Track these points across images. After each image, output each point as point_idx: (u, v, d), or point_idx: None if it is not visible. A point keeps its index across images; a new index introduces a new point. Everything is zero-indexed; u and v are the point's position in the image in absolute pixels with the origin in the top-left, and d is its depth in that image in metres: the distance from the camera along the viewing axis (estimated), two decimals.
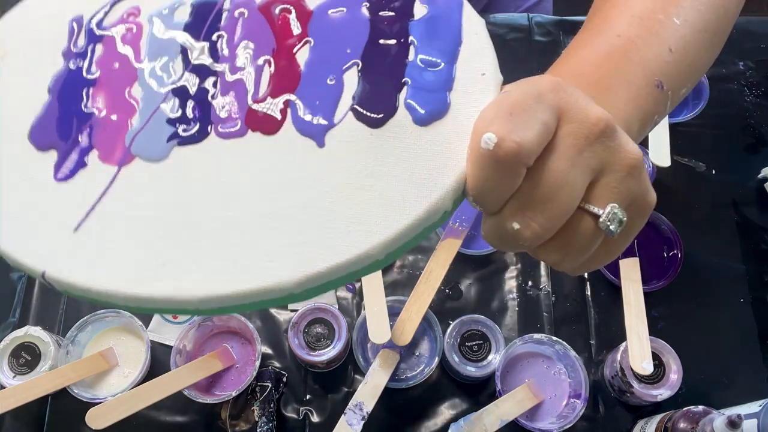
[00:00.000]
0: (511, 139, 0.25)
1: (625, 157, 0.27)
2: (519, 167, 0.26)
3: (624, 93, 0.34)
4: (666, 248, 0.75)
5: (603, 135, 0.27)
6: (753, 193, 0.80)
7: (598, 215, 0.27)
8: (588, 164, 0.27)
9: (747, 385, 0.71)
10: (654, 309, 0.74)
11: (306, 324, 0.69)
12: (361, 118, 0.30)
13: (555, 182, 0.26)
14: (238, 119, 0.31)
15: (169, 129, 0.31)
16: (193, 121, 0.31)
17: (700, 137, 0.83)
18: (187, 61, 0.33)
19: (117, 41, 0.34)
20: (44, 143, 0.32)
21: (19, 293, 0.76)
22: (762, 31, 0.88)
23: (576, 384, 0.67)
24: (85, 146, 0.31)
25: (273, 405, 0.68)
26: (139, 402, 0.62)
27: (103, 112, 0.32)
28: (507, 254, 0.77)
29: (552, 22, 0.91)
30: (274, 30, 0.33)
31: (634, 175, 0.27)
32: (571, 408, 0.66)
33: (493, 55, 0.30)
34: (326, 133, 0.30)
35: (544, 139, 0.26)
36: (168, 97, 0.32)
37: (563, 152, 0.26)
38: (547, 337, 0.68)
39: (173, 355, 0.67)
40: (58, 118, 0.32)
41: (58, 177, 0.31)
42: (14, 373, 0.68)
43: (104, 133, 0.31)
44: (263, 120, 0.31)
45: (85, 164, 0.31)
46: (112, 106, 0.32)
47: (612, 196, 0.27)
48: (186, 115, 0.31)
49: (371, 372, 0.66)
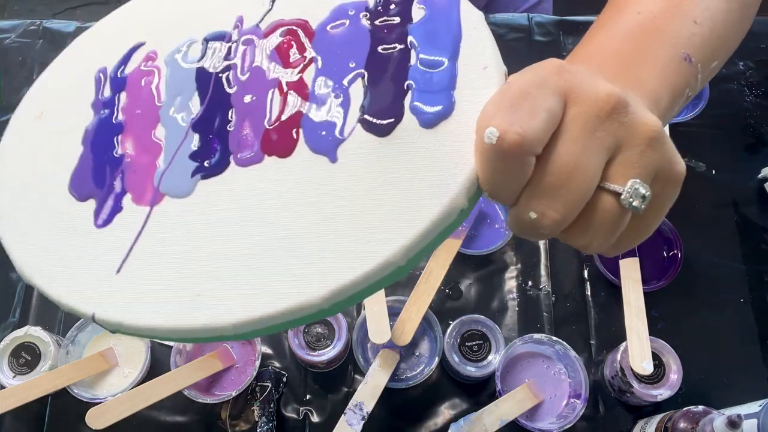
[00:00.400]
0: (513, 131, 0.25)
1: (642, 130, 0.26)
2: (526, 158, 0.25)
3: (650, 68, 0.33)
4: (666, 248, 0.75)
5: (615, 111, 0.26)
6: (753, 193, 0.80)
7: (619, 193, 0.26)
8: (602, 144, 0.26)
9: (747, 385, 0.71)
10: (654, 309, 0.74)
11: (306, 324, 0.69)
12: (370, 129, 0.30)
13: (567, 167, 0.26)
14: (254, 146, 0.32)
15: (192, 164, 0.32)
16: (214, 153, 0.32)
17: (700, 137, 0.83)
18: (204, 96, 0.34)
19: (138, 86, 0.36)
20: (83, 193, 0.34)
21: (19, 293, 0.76)
22: (762, 31, 0.88)
23: (576, 384, 0.67)
24: (119, 191, 0.33)
25: (273, 405, 0.68)
26: (139, 402, 0.63)
27: (132, 156, 0.34)
28: (507, 254, 0.77)
29: (552, 22, 0.91)
30: (281, 54, 0.34)
31: (654, 146, 0.26)
32: (571, 408, 0.66)
33: (493, 46, 0.30)
34: (337, 148, 0.30)
35: (550, 126, 0.26)
36: (189, 134, 0.33)
37: (573, 135, 0.26)
38: (547, 337, 0.68)
39: (173, 355, 0.67)
40: (93, 167, 0.34)
41: (98, 224, 0.33)
42: (14, 373, 0.68)
43: (135, 176, 0.33)
44: (277, 144, 0.32)
45: (121, 208, 0.33)
46: (139, 149, 0.34)
47: (632, 172, 0.26)
48: (207, 148, 0.33)
49: (371, 372, 0.66)
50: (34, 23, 0.92)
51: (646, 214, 0.28)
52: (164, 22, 0.38)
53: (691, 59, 0.35)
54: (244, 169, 0.31)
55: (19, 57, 0.90)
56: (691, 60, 0.35)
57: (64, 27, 0.92)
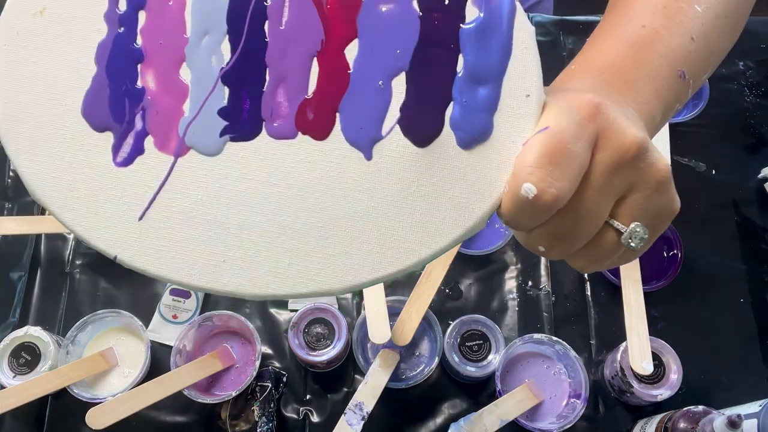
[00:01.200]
0: (550, 192, 0.27)
1: (654, 176, 0.28)
2: (552, 211, 0.28)
3: (649, 86, 0.35)
4: (666, 248, 0.75)
5: (635, 159, 0.28)
6: (753, 193, 0.80)
7: (621, 231, 0.29)
8: (616, 190, 0.28)
9: (747, 385, 0.71)
10: (654, 309, 0.74)
11: (306, 324, 0.69)
12: (409, 134, 0.30)
13: (582, 213, 0.28)
14: (289, 119, 0.31)
15: (222, 122, 0.31)
16: (245, 115, 0.31)
17: (700, 137, 0.83)
18: (236, 44, 0.31)
19: (161, 7, 0.32)
20: (99, 124, 0.31)
21: (19, 293, 0.76)
22: (762, 31, 0.88)
23: (576, 384, 0.67)
24: (140, 131, 0.31)
25: (273, 405, 0.68)
26: (139, 402, 0.62)
27: (155, 94, 0.31)
28: (507, 254, 0.77)
29: (552, 22, 0.91)
30: (323, 19, 0.31)
31: (661, 190, 0.29)
32: (571, 408, 0.66)
33: (539, 72, 0.30)
34: (374, 145, 0.30)
35: (579, 180, 0.27)
36: (218, 85, 0.31)
37: (594, 183, 0.28)
38: (547, 337, 0.68)
39: (173, 355, 0.67)
40: (110, 96, 0.31)
41: (117, 162, 0.31)
42: (14, 373, 0.68)
43: (158, 118, 0.31)
44: (313, 124, 0.31)
45: (142, 151, 0.31)
46: (163, 88, 0.31)
47: (637, 214, 0.29)
48: (237, 107, 0.31)
49: (371, 372, 0.66)
50: None
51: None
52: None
53: (686, 76, 0.36)
54: (275, 142, 0.31)
55: None
56: (685, 77, 0.36)
57: None
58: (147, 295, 0.76)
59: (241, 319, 0.69)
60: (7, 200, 0.81)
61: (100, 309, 0.71)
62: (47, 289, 0.77)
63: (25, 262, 0.77)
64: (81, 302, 0.76)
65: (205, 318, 0.69)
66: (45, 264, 0.78)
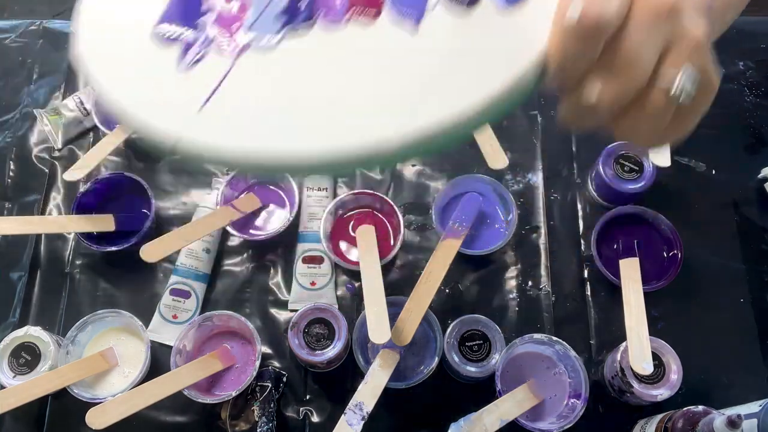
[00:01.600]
0: (594, 11, 0.27)
1: (692, 35, 0.29)
2: (600, 37, 0.28)
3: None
4: (666, 248, 0.75)
5: (673, 11, 0.29)
6: (753, 193, 0.80)
7: (675, 75, 0.29)
8: (660, 35, 0.29)
9: (747, 385, 0.71)
10: (654, 309, 0.74)
11: (306, 324, 0.69)
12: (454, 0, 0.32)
13: (631, 53, 0.28)
14: (340, 9, 0.34)
15: (279, 21, 0.34)
16: (300, 12, 0.35)
17: (700, 137, 0.83)
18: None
19: None
20: (167, 39, 0.35)
21: (19, 293, 0.76)
22: (762, 31, 0.88)
23: (576, 384, 0.67)
24: (205, 35, 0.35)
25: (273, 405, 0.68)
26: (139, 402, 0.63)
27: (220, 6, 0.36)
28: (507, 254, 0.78)
29: None
30: None
31: (699, 52, 0.29)
32: (571, 408, 0.66)
33: None
34: (422, 17, 0.33)
35: (624, 9, 0.28)
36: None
37: (639, 25, 0.28)
38: (547, 337, 0.68)
39: (173, 355, 0.67)
40: (181, 11, 0.36)
41: (181, 68, 0.34)
42: (14, 373, 0.68)
43: (223, 22, 0.35)
44: (364, 4, 0.34)
45: (205, 53, 0.34)
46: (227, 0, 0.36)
47: (683, 62, 0.29)
48: (294, 6, 0.35)
49: (371, 372, 0.66)
50: (34, 23, 0.92)
51: (688, 109, 0.31)
52: None
53: None
54: (328, 33, 0.34)
55: (19, 57, 0.90)
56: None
57: (64, 27, 0.92)
58: (147, 295, 0.76)
59: (241, 319, 0.69)
60: (7, 200, 0.81)
61: (100, 309, 0.71)
62: (47, 289, 0.77)
63: (25, 262, 0.77)
64: (81, 302, 0.76)
65: (205, 318, 0.70)
66: (45, 264, 0.78)
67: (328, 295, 0.75)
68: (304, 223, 0.77)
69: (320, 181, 0.78)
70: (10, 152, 0.84)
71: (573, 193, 0.81)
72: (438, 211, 0.76)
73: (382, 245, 0.73)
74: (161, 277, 0.76)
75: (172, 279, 0.75)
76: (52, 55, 0.90)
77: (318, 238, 0.75)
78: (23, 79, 0.89)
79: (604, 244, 0.75)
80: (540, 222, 0.79)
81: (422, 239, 0.78)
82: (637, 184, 0.75)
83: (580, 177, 0.81)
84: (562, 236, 0.79)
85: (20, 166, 0.83)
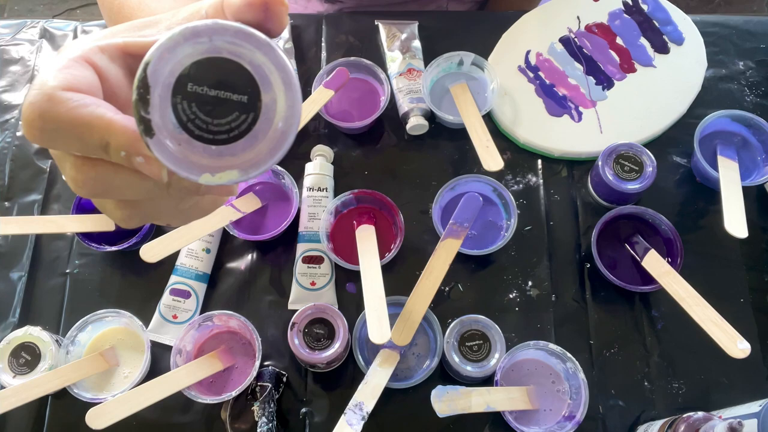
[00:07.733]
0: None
1: None
2: None
3: None
4: (666, 248, 0.75)
5: None
6: (753, 193, 0.80)
7: None
8: None
9: (747, 385, 0.71)
10: (654, 309, 0.74)
11: (306, 324, 0.69)
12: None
13: None
14: (616, 73, 0.83)
15: (599, 86, 0.79)
16: (604, 80, 0.83)
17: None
18: (578, 59, 0.84)
19: (547, 68, 0.85)
20: (557, 111, 0.75)
21: (19, 293, 0.76)
22: (762, 31, 0.88)
23: (574, 407, 0.66)
24: (571, 106, 0.75)
25: (273, 405, 0.68)
26: (139, 402, 0.63)
27: (568, 91, 0.83)
28: (507, 254, 0.77)
29: None
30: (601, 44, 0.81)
31: None
32: (560, 427, 0.66)
33: None
34: (652, 62, 0.73)
35: None
36: (588, 77, 0.84)
37: None
38: (561, 351, 0.67)
39: (173, 355, 0.67)
40: (555, 103, 0.80)
41: (575, 120, 0.73)
42: (14, 373, 0.68)
43: (575, 99, 0.73)
44: (626, 66, 0.83)
45: (578, 109, 0.77)
46: (570, 89, 0.83)
47: None
48: (598, 78, 0.84)
49: (371, 372, 0.66)
50: (34, 23, 0.92)
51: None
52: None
53: None
54: (620, 82, 0.78)
55: (19, 57, 0.90)
56: None
57: (64, 27, 0.92)
58: (147, 295, 0.76)
59: (241, 319, 0.69)
60: (7, 200, 0.81)
61: (100, 309, 0.71)
62: (47, 289, 0.77)
63: (25, 262, 0.77)
64: (81, 302, 0.76)
65: (205, 318, 0.69)
66: (45, 264, 0.78)
67: (328, 295, 0.75)
68: (304, 223, 0.77)
69: (320, 181, 0.78)
70: (9, 152, 0.84)
71: (573, 193, 0.81)
72: (438, 211, 0.76)
73: (382, 245, 0.73)
74: (161, 277, 0.76)
75: (172, 279, 0.75)
76: (52, 55, 0.90)
77: (318, 238, 0.75)
78: (23, 79, 0.89)
79: (604, 244, 0.75)
80: (540, 222, 0.79)
81: (422, 239, 0.78)
82: (637, 184, 0.75)
83: (580, 177, 0.81)
84: (562, 236, 0.79)
85: (20, 166, 0.84)
